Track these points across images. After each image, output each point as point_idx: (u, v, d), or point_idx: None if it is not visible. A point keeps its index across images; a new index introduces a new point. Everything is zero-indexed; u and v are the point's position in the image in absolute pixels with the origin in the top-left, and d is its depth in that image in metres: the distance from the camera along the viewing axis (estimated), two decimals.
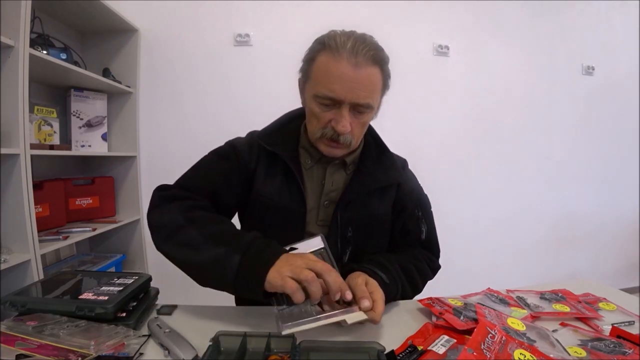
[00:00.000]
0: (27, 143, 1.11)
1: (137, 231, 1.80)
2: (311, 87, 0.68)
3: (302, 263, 0.54)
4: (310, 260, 0.55)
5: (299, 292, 0.51)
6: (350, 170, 0.78)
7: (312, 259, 0.56)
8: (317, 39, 0.69)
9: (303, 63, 0.71)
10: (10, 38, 1.05)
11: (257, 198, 0.76)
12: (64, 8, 1.44)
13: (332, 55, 0.64)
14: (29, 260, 1.10)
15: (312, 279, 0.52)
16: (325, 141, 0.70)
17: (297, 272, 0.52)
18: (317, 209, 0.76)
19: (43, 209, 1.33)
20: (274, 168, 0.76)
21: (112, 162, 1.76)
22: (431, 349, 0.51)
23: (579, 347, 0.53)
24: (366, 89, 0.65)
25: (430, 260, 0.81)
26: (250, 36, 1.81)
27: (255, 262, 0.56)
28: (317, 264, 0.54)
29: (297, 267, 0.53)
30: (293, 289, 0.51)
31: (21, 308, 0.55)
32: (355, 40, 0.64)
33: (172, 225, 0.65)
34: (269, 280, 0.53)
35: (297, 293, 0.51)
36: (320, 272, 0.53)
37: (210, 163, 0.79)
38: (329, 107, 0.67)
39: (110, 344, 0.48)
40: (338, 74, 0.63)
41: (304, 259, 0.55)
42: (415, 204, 0.81)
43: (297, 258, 0.56)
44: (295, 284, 0.51)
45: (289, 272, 0.53)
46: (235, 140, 0.81)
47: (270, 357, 0.49)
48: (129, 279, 0.65)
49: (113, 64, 1.72)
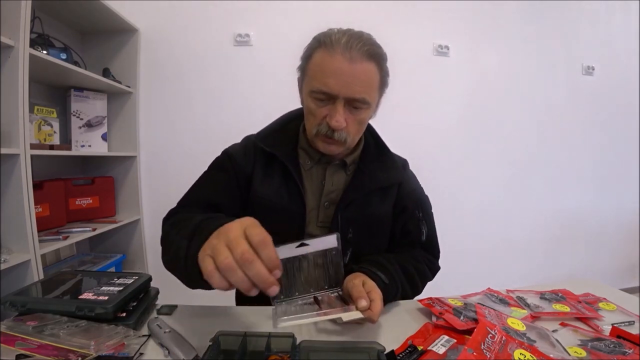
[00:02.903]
0: (27, 143, 1.11)
1: (137, 231, 1.80)
2: (307, 84, 0.69)
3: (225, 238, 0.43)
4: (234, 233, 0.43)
5: (215, 275, 0.41)
6: (350, 171, 0.78)
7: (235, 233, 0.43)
8: (314, 36, 0.69)
9: (301, 61, 0.71)
10: (10, 38, 1.05)
11: (256, 199, 0.75)
12: (64, 8, 1.44)
13: (326, 51, 0.64)
14: (29, 260, 1.10)
15: (227, 267, 0.40)
16: (321, 138, 0.70)
17: (215, 253, 0.42)
18: (317, 210, 0.76)
19: (43, 209, 1.33)
20: (272, 169, 0.76)
21: (112, 162, 1.76)
22: (431, 349, 0.51)
23: (579, 347, 0.53)
24: (361, 84, 0.64)
25: (430, 262, 0.81)
26: (250, 36, 1.81)
27: (195, 243, 0.49)
28: (238, 248, 0.41)
29: (217, 245, 0.42)
30: (207, 274, 0.41)
31: (21, 308, 0.55)
32: (350, 36, 0.64)
33: (163, 238, 0.66)
34: (199, 261, 0.45)
35: (213, 277, 0.41)
36: (239, 261, 0.40)
37: (208, 177, 0.79)
38: (324, 103, 0.67)
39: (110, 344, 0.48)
40: (332, 68, 0.63)
41: (229, 230, 0.44)
42: (416, 204, 0.81)
43: (226, 227, 0.45)
44: (211, 267, 0.41)
45: (210, 248, 0.43)
46: (230, 148, 0.81)
47: (270, 357, 0.49)
48: (129, 279, 0.65)
49: (113, 64, 1.72)
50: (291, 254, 0.61)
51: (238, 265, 0.40)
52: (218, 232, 0.46)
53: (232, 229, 0.44)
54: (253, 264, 0.40)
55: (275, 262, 0.42)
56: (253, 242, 0.42)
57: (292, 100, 0.82)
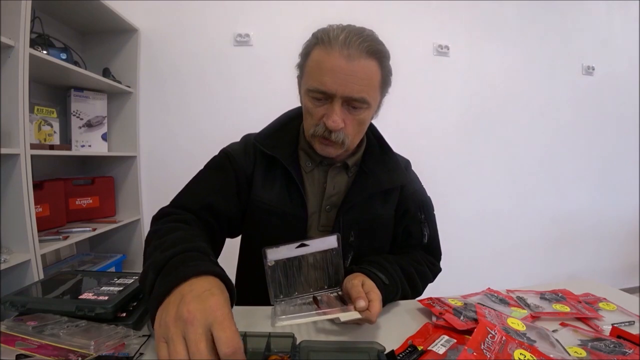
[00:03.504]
0: (27, 143, 1.11)
1: (137, 231, 1.80)
2: (305, 82, 0.67)
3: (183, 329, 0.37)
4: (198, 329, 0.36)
5: None
6: (352, 173, 0.76)
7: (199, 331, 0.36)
8: (313, 33, 0.66)
9: (300, 58, 0.69)
10: (10, 38, 1.05)
11: (256, 203, 0.73)
12: (64, 8, 1.44)
13: (324, 49, 0.62)
14: (29, 260, 1.10)
15: None
16: (318, 139, 0.67)
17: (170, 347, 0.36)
18: (319, 214, 0.74)
19: (43, 209, 1.33)
20: (272, 172, 0.74)
21: (112, 162, 1.76)
22: (431, 349, 0.51)
23: (579, 347, 0.53)
24: (360, 82, 0.61)
25: (432, 264, 0.80)
26: (250, 36, 1.81)
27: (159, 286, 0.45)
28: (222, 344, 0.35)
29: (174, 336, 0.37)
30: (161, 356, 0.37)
31: (21, 308, 0.55)
32: (349, 33, 0.61)
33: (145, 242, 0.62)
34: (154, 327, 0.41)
35: None
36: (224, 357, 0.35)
37: (205, 177, 0.76)
38: (322, 102, 0.64)
39: (110, 344, 0.48)
40: (329, 66, 0.61)
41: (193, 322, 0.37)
42: (418, 206, 0.80)
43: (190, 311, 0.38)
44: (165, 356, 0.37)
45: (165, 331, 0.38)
46: (229, 147, 0.79)
47: (270, 357, 0.49)
48: (129, 279, 0.65)
49: (113, 64, 1.72)
50: (291, 254, 0.61)
51: None
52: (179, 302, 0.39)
53: (193, 313, 0.37)
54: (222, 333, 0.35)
55: None
56: (222, 351, 0.35)
57: (293, 100, 0.81)
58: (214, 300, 0.39)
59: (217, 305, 0.39)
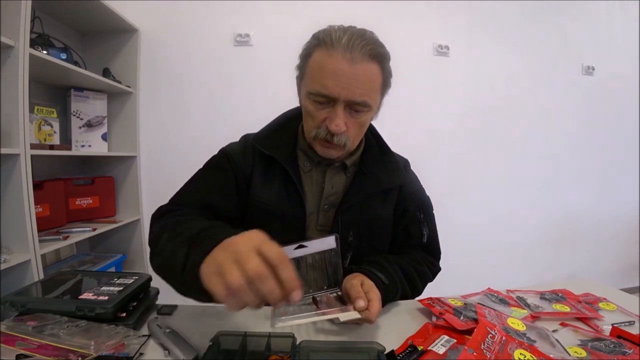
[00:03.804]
0: (27, 143, 1.11)
1: (137, 231, 1.80)
2: (305, 84, 0.66)
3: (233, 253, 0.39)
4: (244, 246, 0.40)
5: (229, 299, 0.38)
6: (350, 173, 0.76)
7: (246, 247, 0.40)
8: (314, 34, 0.66)
9: (300, 59, 0.69)
10: (10, 38, 1.05)
11: (255, 203, 0.73)
12: (64, 8, 1.44)
13: (326, 51, 0.61)
14: (29, 260, 1.10)
15: (238, 287, 0.37)
16: (320, 141, 0.67)
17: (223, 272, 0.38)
18: (317, 214, 0.74)
19: (43, 209, 1.33)
20: (271, 172, 0.74)
21: (112, 162, 1.76)
22: (431, 349, 0.51)
23: (579, 347, 0.53)
24: (363, 86, 0.61)
25: (431, 264, 0.80)
26: (250, 36, 1.81)
27: (195, 254, 0.45)
28: (250, 263, 0.38)
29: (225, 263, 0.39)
30: (219, 296, 0.38)
31: (21, 308, 0.55)
32: (351, 35, 0.60)
33: (153, 240, 0.61)
34: (202, 274, 0.42)
35: (227, 301, 0.38)
36: (253, 278, 0.37)
37: (204, 176, 0.76)
38: (324, 105, 0.64)
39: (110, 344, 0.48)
40: (332, 69, 0.60)
41: (238, 244, 0.41)
42: (417, 206, 0.80)
43: (233, 241, 0.42)
44: (220, 288, 0.38)
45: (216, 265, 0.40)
46: (228, 147, 0.78)
47: (270, 357, 0.49)
48: (129, 279, 0.65)
49: (113, 64, 1.72)
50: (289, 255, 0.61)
51: (250, 282, 0.37)
52: (222, 246, 0.43)
53: (240, 243, 0.41)
54: (267, 281, 0.38)
55: (295, 282, 0.39)
56: (272, 259, 0.39)
57: (292, 100, 0.81)
58: (252, 231, 0.43)
59: (257, 233, 0.43)
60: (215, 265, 0.40)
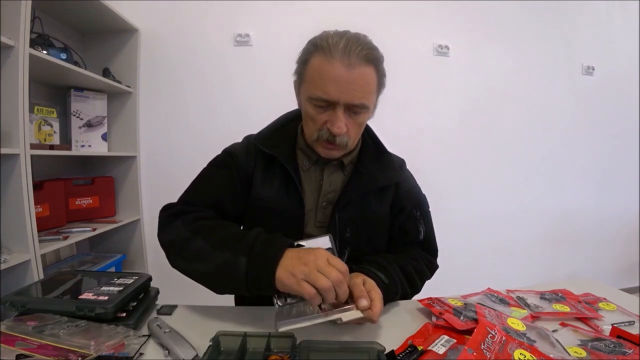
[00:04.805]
0: (27, 143, 1.11)
1: (137, 231, 1.80)
2: (306, 89, 0.68)
3: (315, 265, 0.53)
4: (322, 261, 0.54)
5: (318, 297, 0.52)
6: (348, 171, 0.78)
7: (324, 261, 0.54)
8: (310, 40, 0.68)
9: (297, 65, 0.71)
10: (10, 38, 1.05)
11: (256, 201, 0.76)
12: (64, 8, 1.44)
13: (325, 57, 0.64)
14: (29, 260, 1.10)
15: (329, 288, 0.51)
16: (322, 143, 0.70)
17: (313, 279, 0.51)
18: (315, 211, 0.76)
19: (43, 209, 1.33)
20: (271, 171, 0.76)
21: (112, 162, 1.76)
22: (431, 349, 0.51)
23: (579, 347, 0.53)
24: (361, 89, 0.64)
25: (429, 261, 0.81)
26: (250, 36, 1.81)
27: (261, 262, 0.56)
28: (332, 272, 0.52)
29: (312, 272, 0.52)
30: (311, 295, 0.51)
31: (21, 308, 0.55)
32: (347, 40, 0.63)
33: (180, 241, 0.65)
34: (281, 280, 0.53)
35: (316, 298, 0.52)
36: (334, 283, 0.52)
37: (210, 175, 0.79)
38: (324, 109, 0.67)
39: (110, 344, 0.48)
40: (332, 75, 0.63)
41: (316, 259, 0.54)
42: (413, 204, 0.81)
43: (309, 256, 0.54)
44: (313, 290, 0.51)
45: (303, 275, 0.52)
46: (231, 147, 0.81)
47: (270, 357, 0.49)
48: (129, 279, 0.65)
49: (113, 64, 1.72)
50: None
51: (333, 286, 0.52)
52: (300, 258, 0.54)
53: (318, 257, 0.55)
54: (343, 285, 0.53)
55: None
56: (341, 270, 0.54)
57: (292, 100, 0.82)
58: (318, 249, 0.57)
59: (321, 250, 0.57)
60: (300, 273, 0.53)
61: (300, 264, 0.54)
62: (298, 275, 0.52)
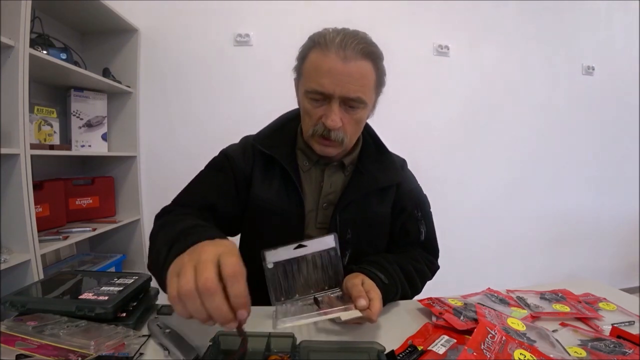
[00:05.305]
0: (27, 143, 1.11)
1: (137, 231, 1.80)
2: (303, 84, 0.68)
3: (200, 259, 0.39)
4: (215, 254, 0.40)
5: (176, 302, 0.39)
6: (348, 172, 0.78)
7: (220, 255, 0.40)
8: (310, 36, 0.68)
9: (297, 61, 0.71)
10: (10, 38, 1.05)
11: (256, 202, 0.75)
12: (64, 8, 1.44)
13: (321, 51, 0.64)
14: (29, 260, 1.10)
15: (186, 293, 0.37)
16: (317, 139, 0.69)
17: (181, 273, 0.39)
18: (316, 211, 0.76)
19: (43, 209, 1.33)
20: (271, 171, 0.76)
21: (112, 162, 1.76)
22: (431, 349, 0.51)
23: (579, 347, 0.53)
24: (356, 83, 0.64)
25: (430, 261, 0.81)
26: (250, 36, 1.81)
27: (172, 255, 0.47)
28: (226, 267, 0.38)
29: (186, 265, 0.39)
30: (170, 297, 0.39)
31: (21, 308, 0.55)
32: (344, 35, 0.63)
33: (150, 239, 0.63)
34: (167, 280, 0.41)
35: (175, 303, 0.39)
36: (225, 278, 0.38)
37: (205, 177, 0.78)
38: (320, 103, 0.66)
39: (110, 344, 0.48)
40: (326, 67, 0.63)
41: (206, 253, 0.40)
42: (414, 204, 0.81)
43: (205, 249, 0.42)
44: (174, 291, 0.39)
45: (179, 267, 0.40)
46: (228, 148, 0.81)
47: (270, 357, 0.49)
48: (129, 279, 0.65)
49: (113, 64, 1.72)
50: (289, 255, 0.61)
51: (198, 293, 0.37)
52: (193, 249, 0.43)
53: (205, 250, 0.41)
54: (213, 297, 0.37)
55: (242, 300, 0.38)
56: (224, 272, 0.38)
57: (292, 101, 0.82)
58: (225, 240, 0.45)
59: (227, 242, 0.44)
60: (179, 265, 0.41)
61: (188, 253, 0.43)
62: (174, 267, 0.42)
